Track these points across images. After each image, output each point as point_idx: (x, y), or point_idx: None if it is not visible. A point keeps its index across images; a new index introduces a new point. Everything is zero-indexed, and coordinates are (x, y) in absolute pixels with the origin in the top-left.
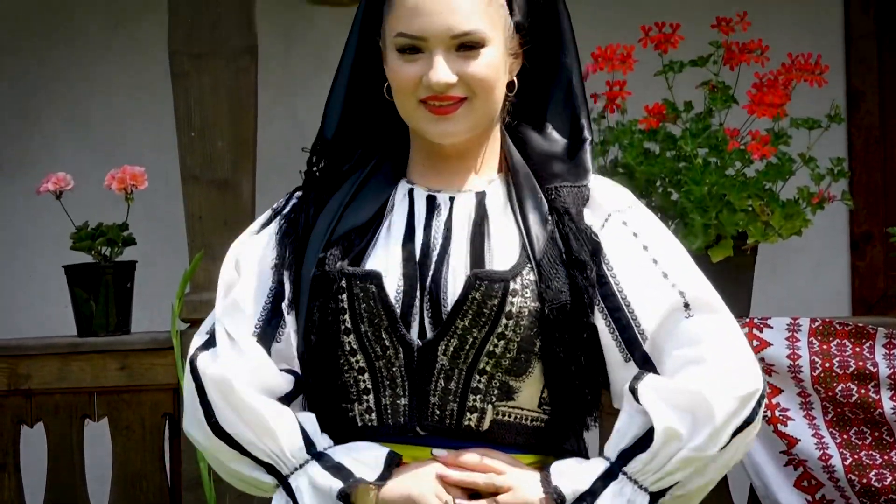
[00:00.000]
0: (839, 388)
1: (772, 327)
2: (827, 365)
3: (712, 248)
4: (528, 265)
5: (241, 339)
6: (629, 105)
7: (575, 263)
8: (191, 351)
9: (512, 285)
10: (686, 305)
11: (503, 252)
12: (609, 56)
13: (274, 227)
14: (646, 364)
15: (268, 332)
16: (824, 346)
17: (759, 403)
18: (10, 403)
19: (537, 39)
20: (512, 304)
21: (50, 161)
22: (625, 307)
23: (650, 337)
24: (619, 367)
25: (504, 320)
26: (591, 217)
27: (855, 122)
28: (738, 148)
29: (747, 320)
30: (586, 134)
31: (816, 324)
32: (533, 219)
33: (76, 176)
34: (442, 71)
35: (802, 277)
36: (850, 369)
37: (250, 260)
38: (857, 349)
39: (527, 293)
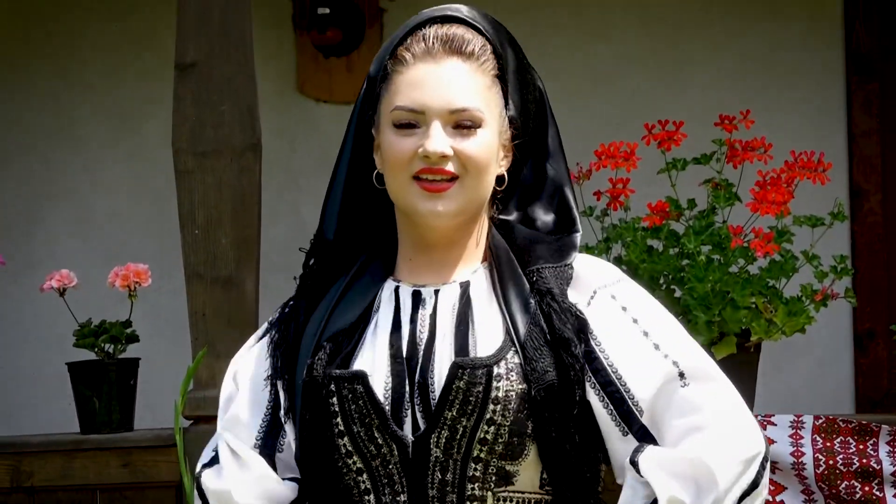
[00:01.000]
0: (843, 485)
1: (775, 424)
2: (830, 462)
3: (716, 345)
4: (513, 348)
5: (242, 453)
6: (632, 202)
7: (559, 342)
8: (197, 468)
9: (496, 370)
10: (681, 375)
11: (487, 338)
12: (612, 153)
13: (267, 338)
14: (645, 437)
15: (269, 444)
16: (828, 444)
17: (762, 466)
18: (14, 501)
19: (526, 142)
20: (497, 388)
21: (54, 259)
22: (616, 381)
23: (647, 409)
24: (618, 442)
25: (491, 406)
26: (576, 295)
27: (858, 219)
28: (742, 245)
29: None
30: (577, 227)
31: (820, 421)
32: (515, 302)
33: (80, 274)
34: (439, 139)
35: (806, 374)
36: (854, 467)
37: (247, 373)
38: (861, 447)
39: (512, 376)
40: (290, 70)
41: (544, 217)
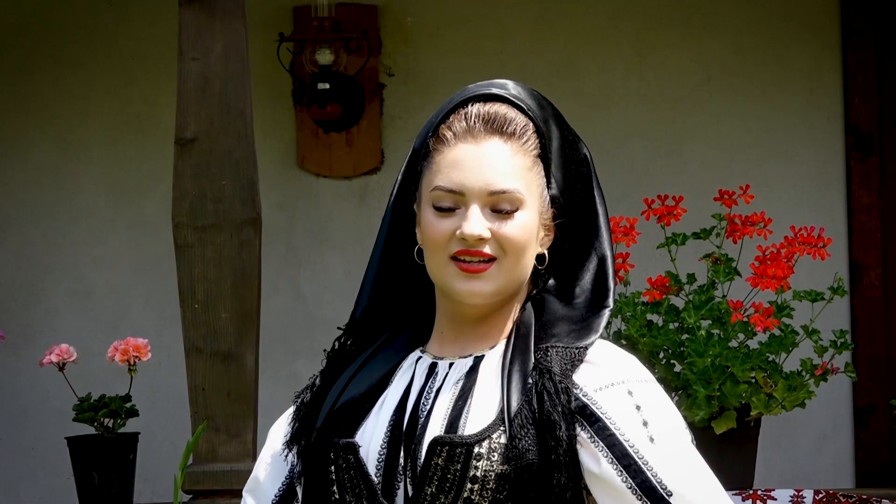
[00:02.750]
0: None
1: (776, 499)
2: None
3: (715, 419)
4: (501, 428)
5: None
6: (632, 277)
7: (545, 423)
8: None
9: (477, 449)
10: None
11: (480, 416)
12: (612, 228)
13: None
14: None
15: None
16: None
17: None
18: None
19: (572, 221)
20: (476, 468)
21: (53, 332)
22: (633, 454)
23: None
24: None
25: (469, 485)
26: (585, 379)
27: (858, 294)
28: (742, 320)
29: (751, 492)
30: (609, 302)
31: (820, 496)
32: (515, 380)
33: (79, 347)
34: (477, 222)
35: (806, 449)
36: None
37: (274, 437)
38: None
39: (493, 456)
40: (289, 145)
41: (583, 291)
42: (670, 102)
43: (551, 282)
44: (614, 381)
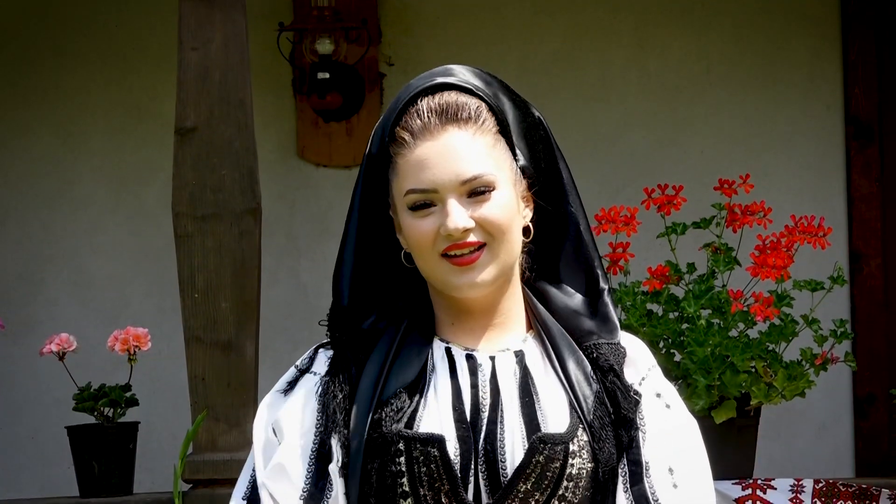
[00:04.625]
0: None
1: (775, 488)
2: None
3: (715, 409)
4: (581, 426)
5: None
6: (632, 267)
7: (623, 422)
8: (232, 502)
9: (571, 447)
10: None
11: (554, 412)
12: (612, 218)
13: (309, 386)
14: None
15: (315, 496)
16: None
17: None
18: None
19: (541, 188)
20: (572, 465)
21: (53, 322)
22: (643, 461)
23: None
24: None
25: (565, 482)
26: (631, 374)
27: (858, 283)
28: (742, 310)
29: (751, 481)
30: (602, 284)
31: (820, 485)
32: (577, 377)
33: (79, 337)
34: (458, 216)
35: (806, 439)
36: None
37: (289, 421)
38: None
39: (584, 454)
40: (290, 134)
41: (570, 278)
42: (670, 93)
43: (545, 275)
44: (645, 373)
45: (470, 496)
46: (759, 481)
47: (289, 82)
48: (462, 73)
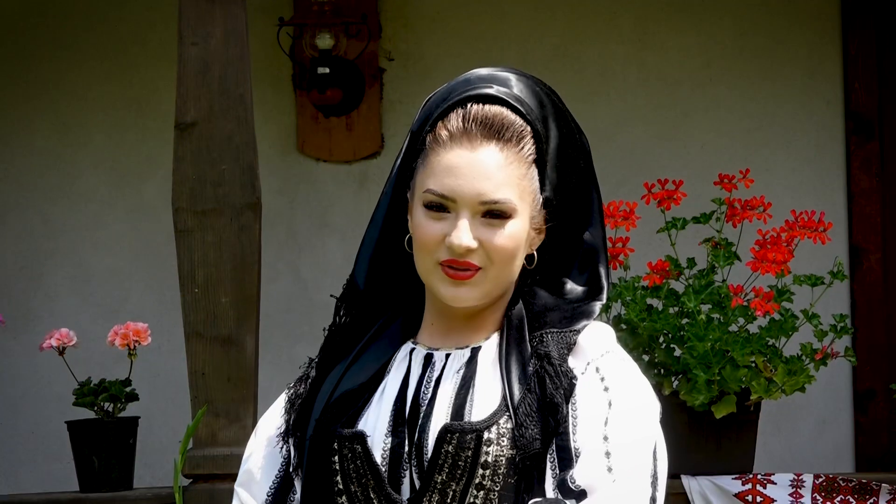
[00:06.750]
0: None
1: (775, 483)
2: None
3: (715, 404)
4: (506, 414)
5: None
6: (632, 261)
7: (548, 406)
8: None
9: (486, 435)
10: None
11: (484, 403)
12: (612, 213)
13: (284, 395)
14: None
15: (278, 500)
16: (828, 503)
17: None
18: None
19: (565, 215)
20: (487, 453)
21: (53, 317)
22: (572, 448)
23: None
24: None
25: (480, 470)
26: (574, 362)
27: (858, 278)
28: (742, 304)
29: (750, 476)
30: (602, 296)
31: (820, 480)
32: (515, 367)
33: (79, 331)
34: (465, 234)
35: (806, 433)
36: None
37: (265, 429)
38: None
39: (503, 441)
40: (289, 129)
41: (574, 286)
42: (670, 87)
43: (544, 282)
44: (590, 360)
45: (406, 490)
46: (759, 476)
47: (289, 77)
48: (520, 88)
